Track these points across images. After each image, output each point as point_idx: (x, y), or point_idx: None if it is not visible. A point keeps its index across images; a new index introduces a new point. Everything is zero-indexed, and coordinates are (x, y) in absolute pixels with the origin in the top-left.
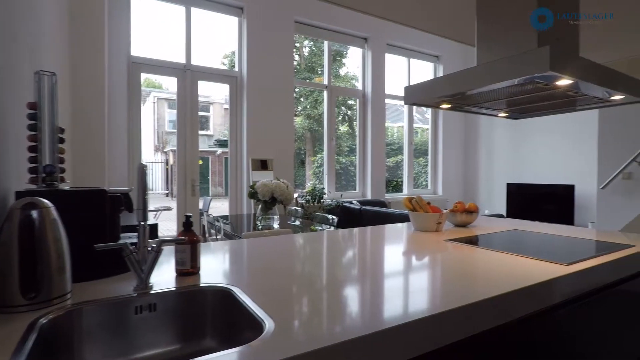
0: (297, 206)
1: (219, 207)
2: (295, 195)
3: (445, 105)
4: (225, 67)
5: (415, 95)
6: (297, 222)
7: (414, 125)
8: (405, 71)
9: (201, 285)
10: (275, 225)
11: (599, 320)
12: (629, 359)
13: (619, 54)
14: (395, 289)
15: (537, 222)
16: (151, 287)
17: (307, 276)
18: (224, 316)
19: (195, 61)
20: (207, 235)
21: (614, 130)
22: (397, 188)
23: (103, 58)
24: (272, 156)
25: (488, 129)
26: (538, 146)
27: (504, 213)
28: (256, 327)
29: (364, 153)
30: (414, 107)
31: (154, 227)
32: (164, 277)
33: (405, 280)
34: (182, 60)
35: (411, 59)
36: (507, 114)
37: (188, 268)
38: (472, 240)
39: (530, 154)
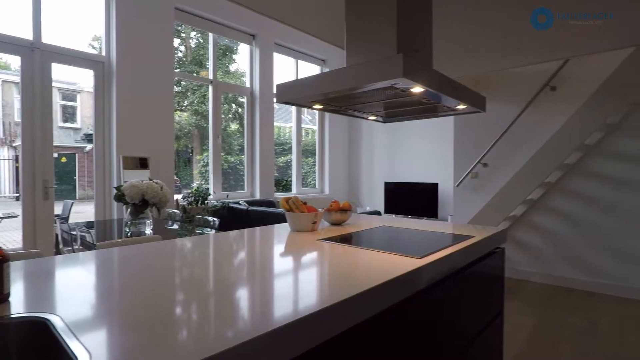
0: (178, 208)
1: (89, 212)
2: (180, 196)
3: (317, 106)
4: (95, 52)
5: (286, 94)
6: (176, 226)
7: (306, 126)
8: (293, 72)
9: (7, 316)
10: (148, 231)
11: (455, 299)
12: (482, 323)
13: (466, 72)
14: (264, 295)
15: (405, 217)
16: None
17: (161, 293)
18: (32, 356)
19: (49, 39)
20: (61, 246)
21: (465, 137)
22: (288, 187)
23: None
24: (150, 154)
25: (369, 131)
26: (410, 149)
27: (382, 209)
28: None
29: (252, 152)
30: (305, 109)
31: None
32: None
33: (278, 282)
34: (28, 36)
35: (299, 61)
36: (375, 118)
37: None
38: (345, 238)
39: (404, 155)
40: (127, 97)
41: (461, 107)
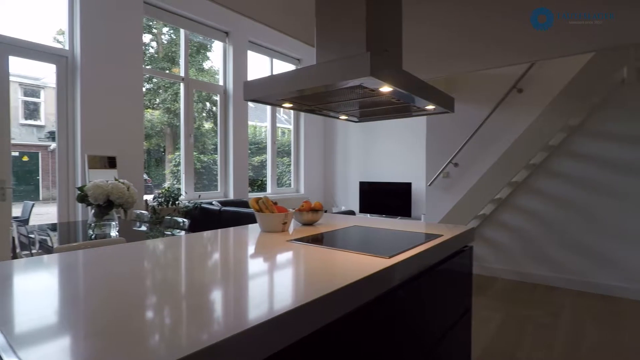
0: (147, 209)
1: (54, 213)
2: (151, 196)
3: (287, 105)
4: (60, 46)
5: (253, 92)
6: (144, 228)
7: (282, 125)
8: (268, 71)
9: None
10: (113, 233)
11: (425, 297)
12: (452, 320)
13: (438, 73)
14: (232, 298)
15: (380, 216)
16: None
17: (121, 299)
18: None
19: (6, 31)
20: (18, 250)
21: (437, 137)
22: (263, 187)
23: None
24: (118, 153)
25: (344, 131)
26: (384, 148)
27: (357, 209)
28: None
29: (225, 151)
30: (281, 108)
31: None
32: None
33: (243, 284)
34: None
35: (274, 59)
36: (347, 117)
37: None
38: (316, 239)
39: (378, 155)
40: (92, 93)
41: (430, 107)
